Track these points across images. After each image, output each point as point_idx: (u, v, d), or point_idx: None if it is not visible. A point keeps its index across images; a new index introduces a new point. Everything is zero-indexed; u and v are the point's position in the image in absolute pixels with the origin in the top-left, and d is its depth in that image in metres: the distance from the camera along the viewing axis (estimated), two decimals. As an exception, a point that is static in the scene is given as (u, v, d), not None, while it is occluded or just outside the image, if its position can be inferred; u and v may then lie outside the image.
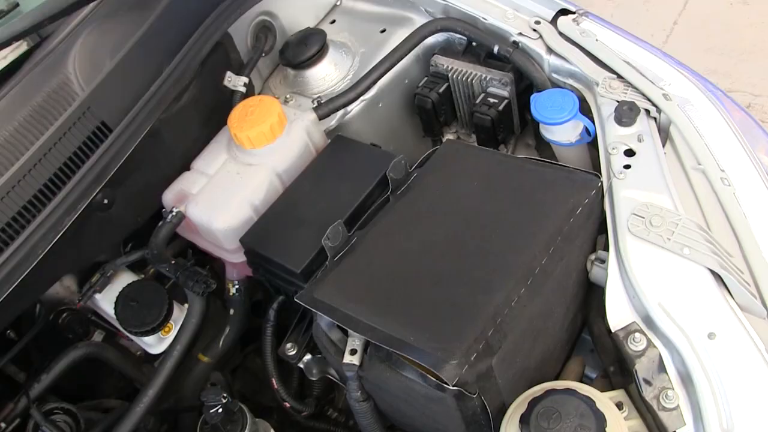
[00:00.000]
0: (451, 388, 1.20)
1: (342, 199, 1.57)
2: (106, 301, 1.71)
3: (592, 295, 1.53)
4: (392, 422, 1.54)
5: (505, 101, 1.80)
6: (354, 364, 1.36)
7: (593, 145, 1.66)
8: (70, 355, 1.63)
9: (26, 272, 1.41)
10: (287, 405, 1.65)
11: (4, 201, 1.41)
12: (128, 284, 1.65)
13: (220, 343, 1.78)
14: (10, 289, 1.38)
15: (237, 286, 1.74)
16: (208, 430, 1.50)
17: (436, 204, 1.50)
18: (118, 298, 1.61)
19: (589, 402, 1.25)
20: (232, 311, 1.77)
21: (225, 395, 1.46)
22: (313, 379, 1.61)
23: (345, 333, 1.41)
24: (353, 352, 1.37)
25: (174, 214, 1.62)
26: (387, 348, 1.26)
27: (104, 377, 1.88)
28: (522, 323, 1.30)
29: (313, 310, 1.38)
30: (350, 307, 1.35)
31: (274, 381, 1.64)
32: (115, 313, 1.59)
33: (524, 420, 1.24)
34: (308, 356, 1.60)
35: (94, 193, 1.52)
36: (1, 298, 1.37)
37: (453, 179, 1.54)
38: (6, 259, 1.38)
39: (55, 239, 1.45)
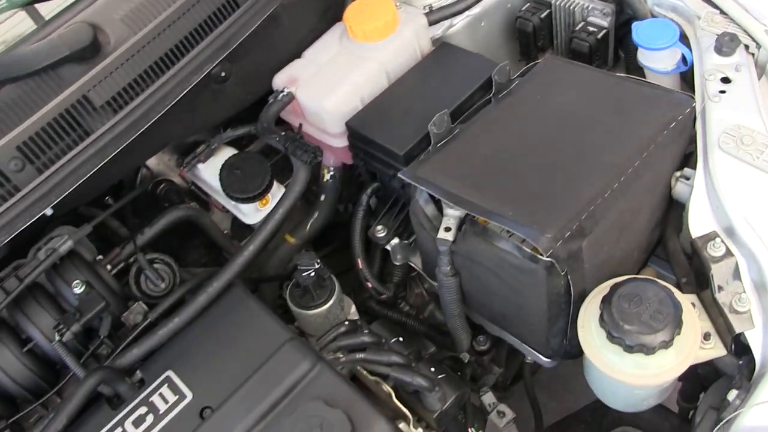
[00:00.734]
0: (544, 259, 1.30)
1: (446, 96, 1.66)
2: (207, 172, 1.82)
3: (672, 212, 1.61)
4: (470, 308, 1.64)
5: (604, 31, 1.88)
6: (448, 240, 1.46)
7: (686, 78, 1.74)
8: (172, 214, 1.73)
9: (144, 127, 1.51)
10: (369, 285, 1.75)
11: (134, 59, 1.52)
12: (233, 155, 1.76)
13: (308, 226, 1.89)
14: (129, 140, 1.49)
15: (332, 173, 1.84)
16: (299, 293, 1.61)
17: (536, 107, 1.59)
18: (223, 166, 1.72)
19: (669, 291, 1.34)
20: (323, 197, 1.87)
21: (318, 261, 1.57)
22: (397, 263, 1.71)
23: (440, 211, 1.51)
24: (448, 229, 1.47)
25: (285, 93, 1.73)
26: (485, 220, 1.36)
27: (190, 250, 1.99)
28: (612, 214, 1.39)
29: (415, 184, 1.48)
30: (451, 184, 1.45)
31: (360, 261, 1.75)
32: (220, 179, 1.70)
33: (606, 300, 1.34)
34: (396, 240, 1.70)
35: (214, 64, 1.63)
36: (121, 148, 1.47)
37: (553, 87, 1.63)
38: (129, 112, 1.49)
39: (173, 102, 1.55)
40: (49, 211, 1.44)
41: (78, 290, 1.49)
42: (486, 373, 1.93)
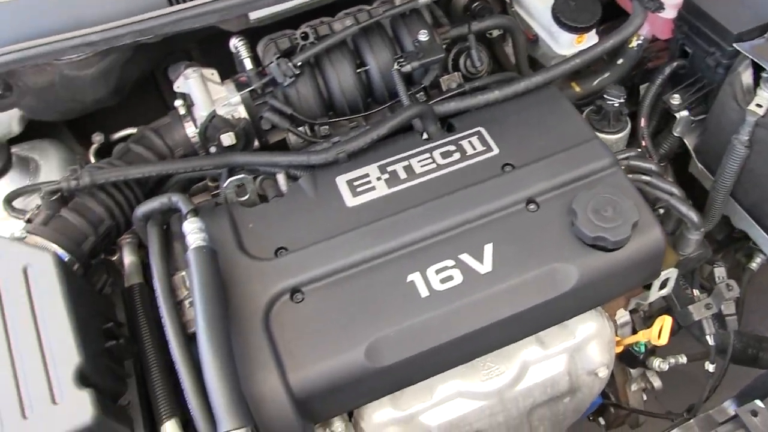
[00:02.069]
0: None
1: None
2: None
3: None
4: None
5: None
6: (757, 113, 1.61)
7: None
8: (495, 19, 1.91)
9: None
10: (644, 143, 1.91)
11: None
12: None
13: (596, 82, 2.04)
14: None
15: (640, 42, 1.99)
16: (597, 118, 1.79)
17: None
18: (559, -6, 1.88)
19: None
20: (620, 60, 2.02)
21: (625, 95, 1.74)
22: (676, 134, 1.87)
23: (755, 90, 1.65)
24: (759, 105, 1.62)
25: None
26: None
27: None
28: None
29: (750, 55, 1.62)
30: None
31: (643, 119, 1.90)
32: (555, 4, 1.87)
33: None
34: (685, 112, 1.85)
35: None
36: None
37: None
38: None
39: None
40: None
41: (423, 38, 1.70)
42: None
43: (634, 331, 1.80)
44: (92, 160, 1.82)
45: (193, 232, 1.39)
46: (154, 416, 1.42)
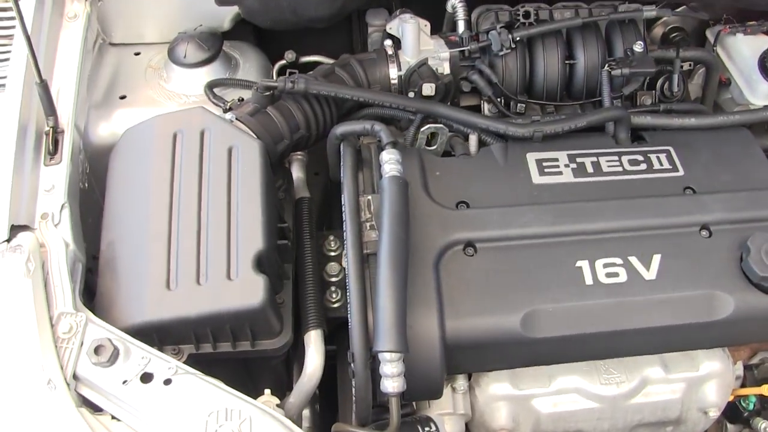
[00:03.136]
0: None
1: None
2: (745, 45, 1.98)
3: None
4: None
5: None
6: None
7: None
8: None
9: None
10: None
11: None
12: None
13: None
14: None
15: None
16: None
17: None
18: (770, 48, 1.90)
19: None
20: None
21: None
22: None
23: None
24: None
25: None
26: None
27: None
28: None
29: None
30: None
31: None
32: (764, 58, 1.88)
33: None
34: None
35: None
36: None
37: None
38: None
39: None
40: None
41: (638, 49, 1.75)
42: None
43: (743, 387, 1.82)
44: (274, 75, 1.91)
45: (390, 162, 1.46)
46: (302, 322, 1.49)
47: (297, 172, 1.78)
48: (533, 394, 1.60)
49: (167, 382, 1.27)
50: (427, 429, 1.48)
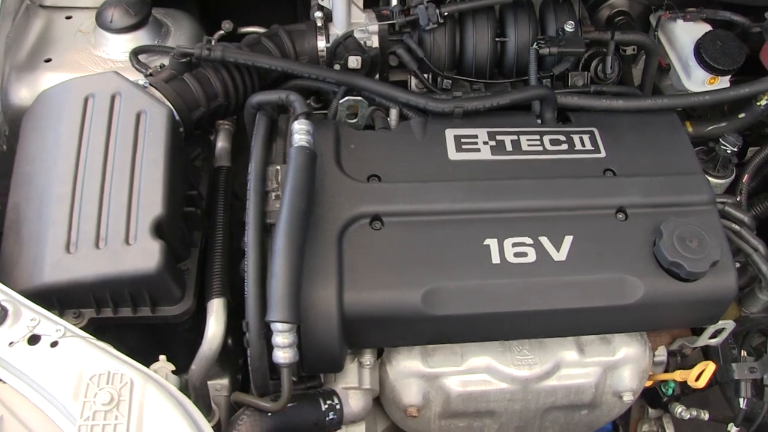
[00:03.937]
0: None
1: None
2: (683, 30, 1.96)
3: None
4: None
5: None
6: None
7: None
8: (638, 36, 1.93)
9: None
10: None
11: None
12: (721, 30, 1.89)
13: (710, 127, 2.01)
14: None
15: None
16: (708, 159, 1.80)
17: None
18: (708, 33, 1.87)
19: None
20: (742, 115, 1.94)
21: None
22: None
23: None
24: None
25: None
26: None
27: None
28: None
29: None
30: None
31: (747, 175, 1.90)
32: (701, 42, 1.84)
33: None
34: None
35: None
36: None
37: None
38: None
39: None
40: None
41: (569, 28, 1.72)
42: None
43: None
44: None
45: (300, 132, 1.44)
46: (205, 290, 1.48)
47: (221, 141, 1.76)
48: (444, 372, 1.59)
49: (54, 344, 1.25)
50: (329, 402, 1.48)
